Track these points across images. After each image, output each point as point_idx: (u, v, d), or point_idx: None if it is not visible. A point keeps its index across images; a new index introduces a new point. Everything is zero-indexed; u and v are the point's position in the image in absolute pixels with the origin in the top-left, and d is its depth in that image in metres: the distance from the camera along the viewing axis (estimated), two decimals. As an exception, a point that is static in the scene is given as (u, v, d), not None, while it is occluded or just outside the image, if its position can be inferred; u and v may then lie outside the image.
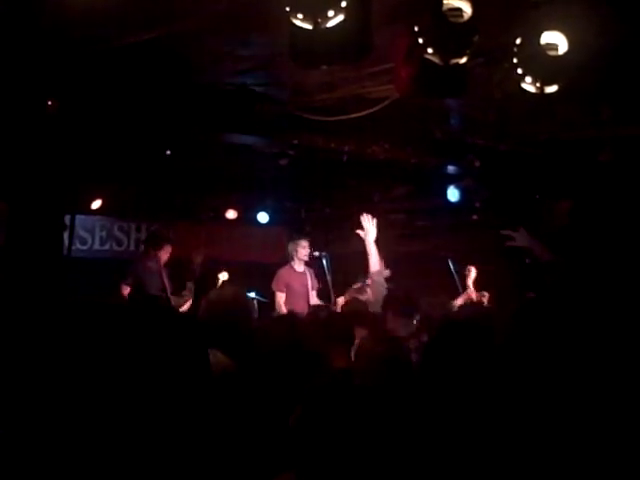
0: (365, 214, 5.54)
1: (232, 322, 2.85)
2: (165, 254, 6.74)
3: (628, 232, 6.41)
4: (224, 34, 4.19)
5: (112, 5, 3.64)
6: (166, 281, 6.67)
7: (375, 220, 5.51)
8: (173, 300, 6.61)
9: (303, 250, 7.19)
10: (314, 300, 7.24)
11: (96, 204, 7.75)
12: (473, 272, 6.09)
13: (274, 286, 6.96)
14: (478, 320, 3.64)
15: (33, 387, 1.75)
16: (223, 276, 6.93)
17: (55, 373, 1.77)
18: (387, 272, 5.47)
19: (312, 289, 7.26)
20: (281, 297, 6.89)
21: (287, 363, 2.62)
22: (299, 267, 7.23)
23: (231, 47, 4.40)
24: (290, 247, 7.26)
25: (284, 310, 6.60)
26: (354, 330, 3.61)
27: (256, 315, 5.33)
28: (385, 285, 5.26)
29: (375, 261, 5.35)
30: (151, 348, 1.89)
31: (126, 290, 6.53)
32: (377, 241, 5.50)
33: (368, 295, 5.26)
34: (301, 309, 6.85)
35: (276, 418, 2.28)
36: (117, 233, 8.66)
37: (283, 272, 7.14)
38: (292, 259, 7.22)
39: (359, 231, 5.55)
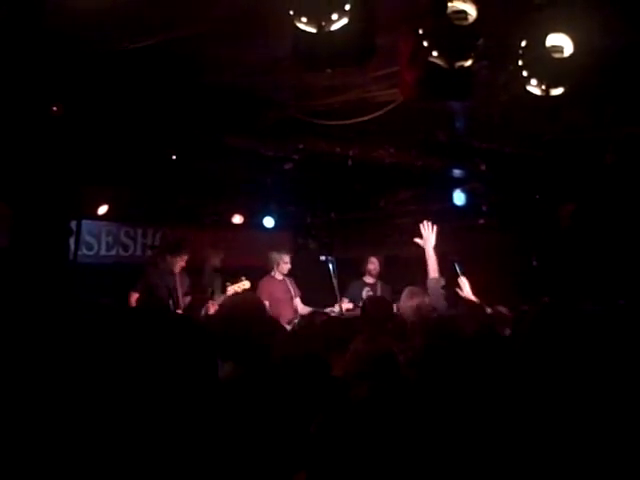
0: (425, 222, 5.33)
1: (246, 329, 2.82)
2: (181, 261, 6.62)
3: (632, 234, 6.39)
4: (228, 38, 4.19)
5: (116, 9, 3.65)
6: (179, 289, 6.54)
7: (435, 228, 5.31)
8: (185, 304, 6.53)
9: (285, 265, 7.33)
10: (301, 307, 7.27)
11: (102, 209, 7.73)
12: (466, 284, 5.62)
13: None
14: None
15: (36, 390, 1.74)
16: (245, 285, 6.81)
17: (58, 377, 1.77)
18: (442, 281, 5.18)
19: (295, 296, 7.35)
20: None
21: (292, 368, 2.61)
22: (279, 276, 7.35)
23: (235, 51, 4.40)
24: (273, 257, 7.37)
25: None
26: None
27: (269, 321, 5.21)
28: (442, 292, 5.04)
29: (433, 269, 5.15)
30: (152, 354, 1.88)
31: (134, 297, 6.41)
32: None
33: (426, 300, 4.97)
34: (288, 315, 6.88)
35: (283, 422, 2.27)
36: (123, 238, 8.64)
37: (264, 283, 7.24)
38: (272, 269, 7.32)
39: (417, 239, 5.36)
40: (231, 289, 6.63)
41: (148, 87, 4.95)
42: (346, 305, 7.19)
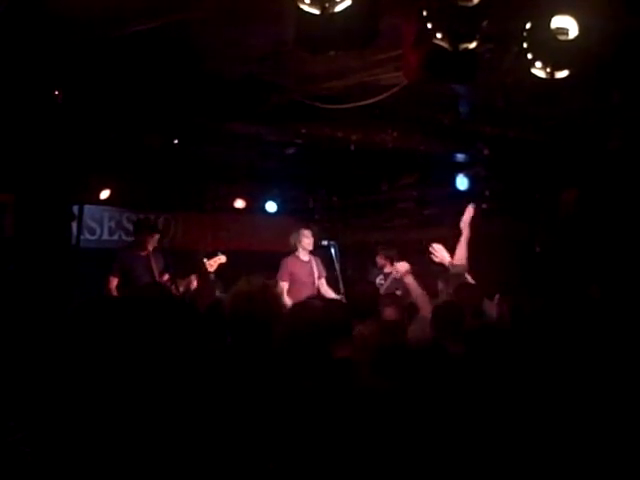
0: (470, 206, 5.40)
1: (260, 314, 2.78)
2: (152, 241, 6.62)
3: (636, 220, 6.37)
4: (231, 22, 4.15)
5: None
6: (155, 268, 6.54)
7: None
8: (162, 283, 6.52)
9: (306, 239, 7.16)
10: (324, 288, 7.20)
11: (104, 194, 7.74)
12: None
13: (278, 275, 6.92)
14: None
15: (39, 377, 1.74)
16: (221, 259, 6.81)
17: (61, 365, 1.77)
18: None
19: (319, 278, 7.23)
20: (284, 286, 6.85)
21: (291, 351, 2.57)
22: (304, 256, 7.20)
23: (238, 35, 4.37)
24: (293, 238, 7.25)
25: (286, 299, 6.57)
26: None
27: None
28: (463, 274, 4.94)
29: (462, 256, 5.09)
30: (152, 341, 1.87)
31: (114, 282, 6.40)
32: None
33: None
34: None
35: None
36: (126, 223, 8.63)
37: (288, 261, 7.11)
38: (296, 249, 7.21)
39: (462, 224, 5.39)
40: (207, 264, 6.69)
41: (150, 72, 4.92)
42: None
